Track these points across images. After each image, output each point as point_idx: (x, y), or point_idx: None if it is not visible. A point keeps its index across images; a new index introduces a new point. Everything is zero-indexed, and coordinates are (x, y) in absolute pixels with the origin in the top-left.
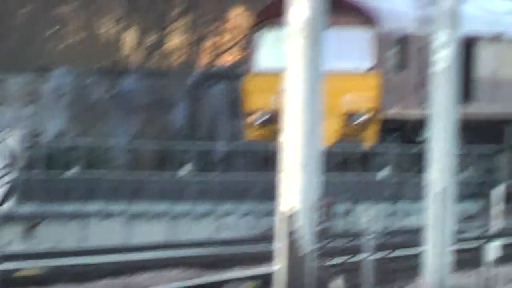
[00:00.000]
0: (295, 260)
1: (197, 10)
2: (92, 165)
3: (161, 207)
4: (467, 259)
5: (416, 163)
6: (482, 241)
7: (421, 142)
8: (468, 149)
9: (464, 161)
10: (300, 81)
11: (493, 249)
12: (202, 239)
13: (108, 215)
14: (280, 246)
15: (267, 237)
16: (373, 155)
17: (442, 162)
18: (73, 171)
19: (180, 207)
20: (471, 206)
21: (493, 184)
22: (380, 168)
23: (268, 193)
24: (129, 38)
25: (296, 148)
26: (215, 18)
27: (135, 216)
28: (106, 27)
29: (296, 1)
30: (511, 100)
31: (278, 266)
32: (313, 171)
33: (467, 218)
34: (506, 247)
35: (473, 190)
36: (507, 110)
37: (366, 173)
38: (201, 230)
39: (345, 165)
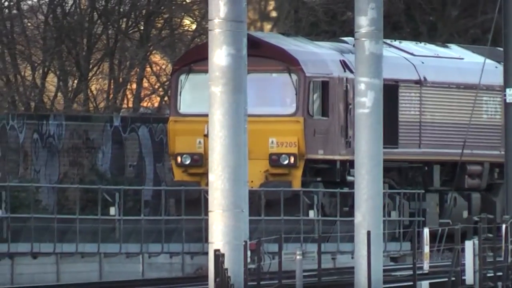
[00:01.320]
0: None
1: (116, 56)
2: (18, 206)
3: (91, 246)
4: None
5: (343, 205)
6: (412, 280)
7: (347, 184)
8: (394, 191)
9: (391, 203)
10: (223, 125)
11: None
12: (133, 278)
13: (38, 254)
14: (211, 285)
15: (198, 276)
16: (299, 196)
17: (369, 204)
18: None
19: (110, 247)
20: (399, 247)
21: (420, 225)
22: (307, 209)
23: (197, 234)
24: (51, 83)
25: (222, 190)
26: (134, 64)
27: (65, 255)
28: (28, 72)
29: (215, 48)
30: (435, 143)
31: None
32: (241, 212)
33: (396, 258)
34: (434, 286)
35: (401, 231)
36: (432, 153)
37: (294, 213)
38: (132, 269)
39: (273, 206)
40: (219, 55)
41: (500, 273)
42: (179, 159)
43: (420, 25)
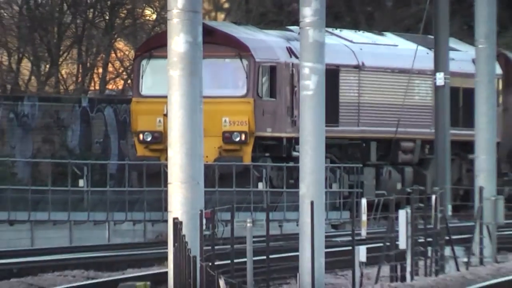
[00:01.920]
0: (183, 262)
1: (83, 43)
2: None
3: (62, 215)
4: (338, 261)
5: (289, 177)
6: (351, 245)
7: (293, 159)
8: (335, 165)
9: (332, 176)
10: (180, 106)
11: (361, 252)
12: (100, 243)
13: (14, 222)
14: (170, 249)
15: (158, 242)
16: (249, 170)
17: (312, 177)
18: None
19: (79, 215)
20: (340, 215)
21: (359, 196)
22: (257, 181)
23: (158, 204)
24: (25, 67)
25: (180, 164)
26: (100, 50)
27: (39, 223)
28: (4, 58)
29: (174, 35)
30: (372, 122)
31: (169, 267)
32: (197, 184)
33: (336, 226)
34: (371, 250)
35: (341, 201)
36: (369, 131)
37: (245, 185)
38: (99, 235)
39: (226, 179)
40: (177, 42)
41: (430, 239)
42: (141, 136)
43: (359, 15)
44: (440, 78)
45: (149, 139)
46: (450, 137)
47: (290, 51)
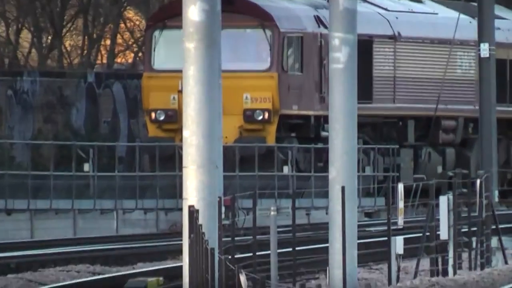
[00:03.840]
0: (200, 255)
1: (90, 13)
2: None
3: (65, 203)
4: (373, 253)
5: (317, 160)
6: (386, 236)
7: (322, 140)
8: (369, 146)
9: (365, 159)
10: (197, 81)
11: (397, 244)
12: (107, 234)
13: (12, 211)
14: (185, 241)
15: (172, 232)
16: (273, 151)
17: (343, 159)
18: None
19: (84, 203)
20: (374, 202)
21: (395, 180)
22: (281, 164)
23: (171, 190)
24: (25, 39)
25: (197, 146)
26: (108, 20)
27: (39, 212)
28: (2, 29)
29: (189, 3)
30: (409, 99)
31: (184, 261)
32: (215, 168)
33: (370, 214)
34: (409, 241)
35: (375, 186)
36: (406, 108)
37: (268, 169)
38: (106, 225)
39: (247, 162)
40: (193, 11)
41: (475, 228)
42: (153, 115)
43: None
44: (484, 49)
45: (162, 118)
46: (496, 114)
47: (318, 20)
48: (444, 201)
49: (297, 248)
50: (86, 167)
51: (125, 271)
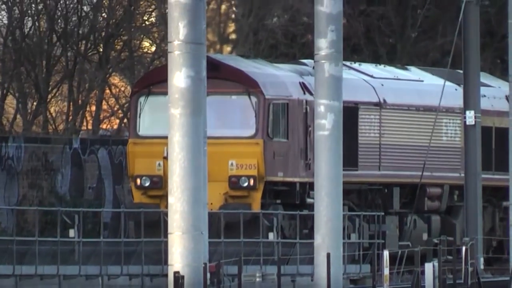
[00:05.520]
0: None
1: (75, 78)
2: None
3: (50, 268)
4: None
5: (303, 227)
6: None
7: (307, 206)
8: (354, 213)
9: (350, 225)
10: (182, 147)
11: None
12: None
13: None
14: None
15: None
16: (259, 218)
17: (328, 226)
18: None
19: (70, 269)
20: (359, 269)
21: (380, 247)
22: (267, 231)
23: (157, 256)
24: (10, 105)
25: (182, 212)
26: (93, 86)
27: (25, 277)
28: None
29: (175, 70)
30: (395, 166)
31: None
32: (200, 234)
33: (355, 281)
34: None
35: (360, 253)
36: (392, 175)
37: (254, 236)
38: None
39: (232, 228)
40: (179, 77)
41: None
42: (138, 181)
43: (379, 48)
44: (470, 117)
45: (147, 184)
46: (481, 182)
47: (304, 87)
48: (429, 268)
49: None
50: (71, 233)
51: None
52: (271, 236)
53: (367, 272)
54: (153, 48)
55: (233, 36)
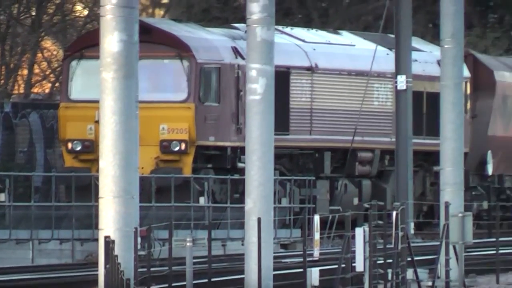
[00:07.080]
0: (116, 285)
1: (7, 42)
2: None
3: None
4: (288, 285)
5: (234, 191)
6: (302, 267)
7: (238, 171)
8: (285, 178)
9: (281, 190)
10: (114, 112)
11: (313, 275)
12: (23, 264)
13: None
14: (101, 271)
15: (88, 263)
16: (190, 182)
17: (260, 190)
18: None
19: (0, 233)
20: (290, 233)
21: (311, 212)
22: (198, 195)
23: (88, 220)
24: None
25: (113, 176)
26: (25, 50)
27: None
28: None
29: (107, 34)
30: (326, 130)
31: None
32: (131, 198)
33: (286, 245)
34: (324, 273)
35: (291, 218)
36: (323, 140)
37: (185, 200)
38: (21, 255)
39: (163, 193)
40: (111, 41)
41: (390, 260)
42: (69, 145)
43: (311, 12)
44: (401, 82)
45: (78, 148)
46: (412, 146)
47: (236, 51)
48: (360, 232)
49: (213, 279)
50: (2, 196)
51: None
52: (202, 200)
53: (297, 236)
54: (86, 12)
55: (165, 0)
